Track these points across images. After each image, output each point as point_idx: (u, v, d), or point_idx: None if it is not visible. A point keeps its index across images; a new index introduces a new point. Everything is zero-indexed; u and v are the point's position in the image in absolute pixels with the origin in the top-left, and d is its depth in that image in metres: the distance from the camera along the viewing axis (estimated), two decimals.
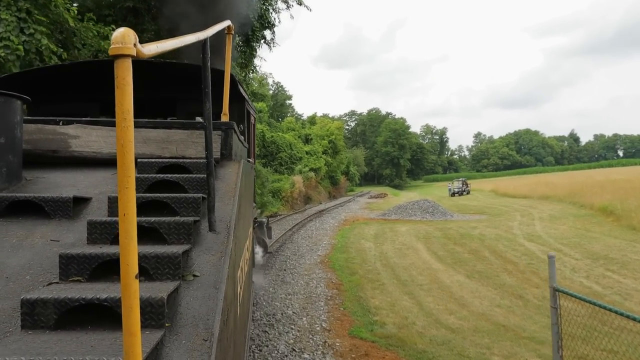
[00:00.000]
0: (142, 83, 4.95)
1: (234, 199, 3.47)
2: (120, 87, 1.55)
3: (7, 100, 3.51)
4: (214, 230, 3.03)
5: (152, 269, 2.47)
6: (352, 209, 39.33)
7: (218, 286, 2.50)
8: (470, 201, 43.07)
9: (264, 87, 55.56)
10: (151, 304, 2.12)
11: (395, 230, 23.76)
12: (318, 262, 15.29)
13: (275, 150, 40.81)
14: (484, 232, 22.04)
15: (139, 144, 4.15)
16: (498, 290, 11.94)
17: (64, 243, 2.89)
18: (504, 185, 55.38)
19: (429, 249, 18.08)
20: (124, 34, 1.57)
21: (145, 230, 2.77)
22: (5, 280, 2.51)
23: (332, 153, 58.69)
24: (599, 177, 51.27)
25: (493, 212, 31.85)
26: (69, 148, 4.20)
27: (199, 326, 2.23)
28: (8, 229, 3.03)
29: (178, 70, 6.69)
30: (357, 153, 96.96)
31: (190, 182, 3.45)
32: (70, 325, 2.11)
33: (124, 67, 1.55)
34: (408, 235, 21.62)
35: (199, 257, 2.76)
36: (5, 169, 3.50)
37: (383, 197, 59.38)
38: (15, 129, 3.58)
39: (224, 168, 4.04)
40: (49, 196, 3.22)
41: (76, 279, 2.44)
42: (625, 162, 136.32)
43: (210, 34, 3.06)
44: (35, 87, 6.35)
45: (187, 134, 4.25)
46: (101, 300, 2.08)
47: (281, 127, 51.28)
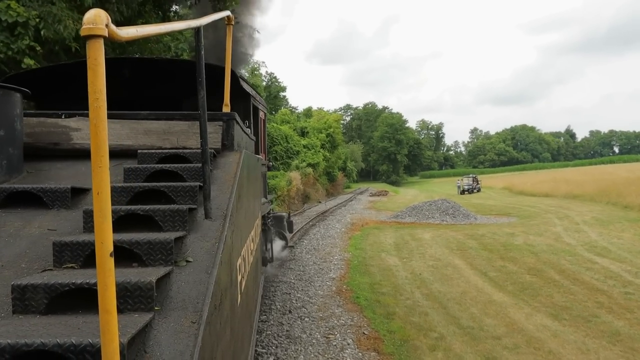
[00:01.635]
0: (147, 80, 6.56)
1: (232, 187, 3.47)
2: (92, 68, 1.55)
3: (6, 93, 3.57)
4: (210, 217, 3.02)
5: (145, 255, 2.47)
6: (356, 209, 35.12)
7: (210, 271, 2.50)
8: (485, 200, 38.89)
9: (257, 77, 51.37)
10: (140, 288, 2.10)
11: (417, 237, 19.60)
12: (334, 293, 11.07)
13: (270, 143, 36.50)
14: (529, 241, 17.92)
15: (140, 136, 4.21)
16: (620, 347, 7.80)
17: (61, 232, 2.92)
18: (518, 182, 51.22)
19: (474, 266, 13.93)
20: (95, 14, 1.56)
21: (141, 218, 2.81)
22: (1, 269, 2.54)
23: (330, 147, 54.49)
24: (623, 173, 47.30)
25: (521, 213, 27.76)
26: (70, 140, 4.24)
27: (188, 309, 2.22)
28: (6, 220, 3.07)
29: (184, 67, 6.74)
30: (354, 148, 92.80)
31: (189, 172, 3.50)
32: (61, 309, 2.11)
33: (96, 48, 1.54)
34: (436, 246, 17.47)
35: (194, 244, 2.75)
36: (5, 162, 3.56)
37: (385, 195, 55.24)
38: (15, 122, 3.65)
39: (224, 158, 4.05)
40: (47, 187, 3.27)
41: (70, 266, 2.46)
42: (627, 158, 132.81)
43: (204, 22, 3.03)
44: (46, 85, 6.59)
45: (188, 125, 4.30)
46: (91, 284, 2.09)
47: (275, 119, 47.00)
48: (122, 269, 2.30)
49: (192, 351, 2.01)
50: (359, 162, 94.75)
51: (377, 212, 31.97)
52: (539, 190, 39.61)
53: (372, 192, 60.89)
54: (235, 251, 3.34)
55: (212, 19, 3.49)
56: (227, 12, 4.30)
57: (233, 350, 3.14)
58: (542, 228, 21.11)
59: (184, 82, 6.19)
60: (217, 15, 3.80)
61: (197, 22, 2.91)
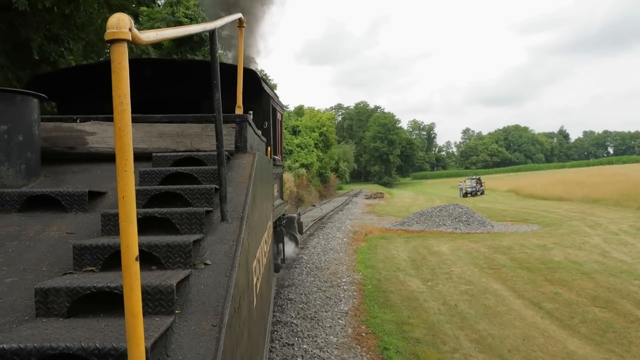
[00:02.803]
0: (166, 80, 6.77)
1: (247, 189, 3.47)
2: (116, 72, 1.55)
3: (24, 98, 3.60)
4: (226, 219, 3.02)
5: (164, 258, 2.47)
6: (354, 214, 32.16)
7: (229, 274, 2.49)
8: (492, 204, 36.02)
9: None
10: (161, 291, 2.10)
11: (434, 251, 16.68)
12: (352, 339, 8.10)
13: None
14: (570, 256, 15.07)
15: (155, 139, 4.22)
16: None
17: (80, 235, 2.94)
18: (524, 184, 48.40)
19: (519, 293, 11.04)
20: (119, 18, 1.57)
21: (157, 221, 2.81)
22: (22, 272, 2.56)
23: (323, 147, 51.62)
24: (635, 173, 44.64)
25: (541, 220, 24.96)
26: (85, 144, 4.28)
27: (209, 312, 2.21)
28: (26, 223, 3.10)
29: (202, 68, 6.75)
30: (346, 148, 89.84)
31: (204, 174, 3.49)
32: (83, 313, 2.13)
33: (120, 52, 1.55)
34: (461, 262, 14.57)
35: (211, 246, 2.74)
36: (24, 166, 3.61)
37: (382, 198, 52.37)
38: (32, 127, 3.68)
39: (238, 160, 4.04)
40: (65, 190, 3.32)
41: (90, 269, 2.47)
42: (626, 159, 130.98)
43: (218, 25, 3.07)
44: (66, 86, 6.67)
45: (201, 128, 4.30)
46: (112, 288, 2.09)
47: None
48: (142, 272, 1.89)
49: (214, 355, 1.99)
50: (351, 163, 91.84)
51: (379, 218, 29.02)
52: (551, 194, 36.79)
53: (367, 194, 58.03)
54: (251, 253, 3.32)
55: (226, 21, 3.57)
56: (239, 14, 4.36)
57: (250, 352, 3.13)
58: (576, 239, 18.28)
59: (202, 83, 5.98)
60: (230, 18, 3.90)
61: (211, 25, 2.95)
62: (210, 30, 2.92)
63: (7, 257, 2.72)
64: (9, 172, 3.52)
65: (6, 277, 2.51)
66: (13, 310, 2.24)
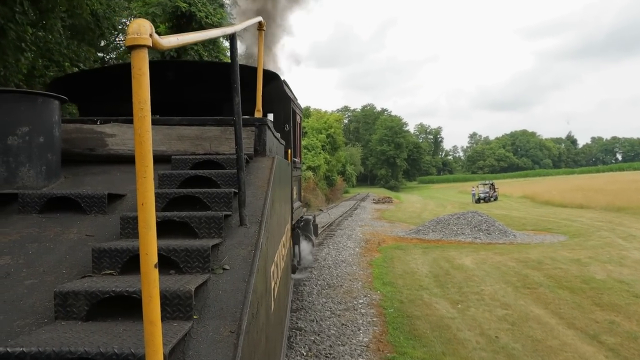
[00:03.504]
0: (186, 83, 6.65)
1: (266, 194, 3.45)
2: (137, 78, 1.54)
3: (46, 100, 3.62)
4: (245, 224, 3.00)
5: (182, 262, 2.47)
6: (364, 220, 30.48)
7: (247, 279, 2.48)
8: (508, 211, 34.21)
9: None
10: (179, 296, 2.10)
11: (456, 264, 15.02)
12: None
13: None
14: (612, 273, 13.38)
15: (174, 141, 4.22)
16: None
17: (99, 238, 2.95)
18: (540, 190, 46.50)
19: (568, 321, 9.36)
20: (140, 24, 1.56)
21: (176, 225, 2.81)
22: (42, 274, 2.57)
23: (330, 149, 49.98)
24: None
25: (565, 230, 23.24)
26: (105, 146, 4.29)
27: (227, 318, 2.20)
28: (46, 225, 3.11)
29: (224, 70, 6.56)
30: (353, 151, 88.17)
31: (223, 178, 3.48)
32: (101, 316, 2.13)
33: (140, 57, 1.54)
34: (490, 279, 12.91)
35: (230, 251, 2.74)
36: (44, 168, 3.62)
37: (390, 202, 50.67)
38: (53, 129, 3.70)
39: (257, 163, 4.03)
40: (84, 193, 3.32)
41: (108, 272, 2.46)
42: (638, 165, 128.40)
43: (238, 28, 3.07)
44: (88, 88, 6.62)
45: (220, 131, 4.29)
46: (130, 292, 2.09)
47: None
48: (160, 276, 1.88)
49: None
50: (358, 166, 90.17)
51: (391, 225, 27.33)
52: (570, 201, 34.96)
53: (375, 198, 56.32)
54: (270, 258, 3.28)
55: (245, 25, 3.58)
56: (259, 17, 4.32)
57: (268, 357, 3.07)
58: (612, 253, 16.56)
59: (224, 85, 5.64)
60: (250, 22, 3.91)
61: (231, 29, 2.93)
62: (230, 34, 2.89)
63: (27, 259, 2.73)
64: (29, 173, 3.55)
65: (26, 279, 2.53)
66: (32, 312, 2.23)
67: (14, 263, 2.69)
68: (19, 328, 2.11)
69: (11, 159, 3.48)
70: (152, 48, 1.58)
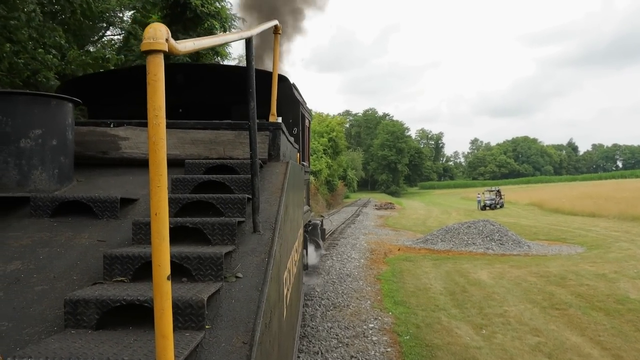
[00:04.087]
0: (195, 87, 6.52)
1: (280, 200, 3.39)
2: (152, 84, 1.52)
3: (59, 103, 3.60)
4: (259, 231, 2.96)
5: (194, 270, 2.42)
6: (367, 227, 29.21)
7: (261, 288, 2.43)
8: (517, 219, 32.91)
9: None
10: (191, 306, 2.06)
11: (472, 279, 13.75)
12: None
13: None
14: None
15: (187, 145, 4.19)
16: None
17: (110, 243, 2.91)
18: (548, 197, 45.14)
19: (610, 351, 8.11)
20: (156, 28, 1.53)
21: (189, 231, 2.77)
22: (52, 280, 2.53)
23: (332, 153, 48.74)
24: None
25: (581, 240, 21.96)
26: (119, 149, 4.24)
27: (239, 328, 2.16)
28: (57, 229, 3.08)
29: (233, 74, 6.78)
30: (354, 156, 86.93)
31: (237, 183, 3.43)
32: (112, 325, 2.10)
33: (155, 63, 1.52)
34: (511, 297, 11.65)
35: (243, 259, 2.69)
36: (57, 171, 3.59)
37: (393, 208, 49.42)
38: (66, 131, 3.67)
39: (271, 169, 3.97)
40: (96, 197, 3.28)
41: (120, 279, 2.43)
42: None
43: (255, 32, 3.05)
44: (98, 90, 6.61)
45: (234, 135, 4.25)
46: (142, 301, 2.06)
47: None
48: (172, 284, 1.82)
49: None
50: (359, 171, 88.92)
51: (396, 233, 26.04)
52: (580, 209, 33.65)
53: (377, 204, 55.04)
54: (282, 264, 3.22)
55: (262, 29, 3.51)
56: (274, 21, 4.24)
57: None
58: (638, 267, 15.30)
59: (232, 88, 6.09)
60: (266, 25, 3.83)
61: (248, 33, 2.88)
62: (247, 38, 2.84)
63: (37, 264, 2.69)
64: (42, 176, 3.52)
65: (36, 285, 2.48)
66: (42, 320, 2.20)
67: (25, 268, 2.65)
68: (28, 336, 2.08)
69: (24, 162, 3.45)
70: (168, 53, 1.53)
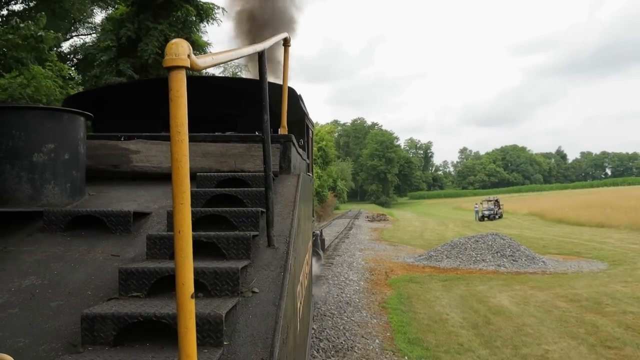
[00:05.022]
0: (200, 99, 5.83)
1: (292, 213, 3.39)
2: (174, 100, 1.52)
3: (71, 117, 3.64)
4: (273, 245, 2.95)
5: (211, 285, 2.42)
6: (362, 241, 27.13)
7: (277, 303, 2.42)
8: (520, 230, 30.97)
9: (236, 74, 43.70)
10: (209, 322, 2.07)
11: (493, 306, 11.73)
12: None
13: None
14: None
15: (198, 158, 4.21)
16: None
17: (124, 258, 2.92)
18: (550, 207, 43.25)
19: None
20: (178, 44, 1.55)
21: (203, 245, 2.77)
22: (68, 295, 2.54)
23: (322, 163, 46.76)
24: None
25: (597, 254, 20.07)
26: (130, 163, 4.29)
27: (258, 345, 2.14)
28: (71, 244, 3.10)
29: (239, 86, 6.95)
30: (344, 166, 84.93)
31: (249, 196, 3.45)
32: (129, 341, 2.09)
33: (178, 79, 1.53)
34: (546, 330, 9.64)
35: (258, 273, 2.69)
36: (69, 185, 3.61)
37: (386, 220, 47.44)
38: (78, 145, 3.70)
39: (282, 182, 3.98)
40: (110, 211, 3.27)
41: (135, 295, 2.42)
42: (633, 180, 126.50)
43: (267, 45, 3.07)
44: (101, 104, 6.55)
45: (245, 147, 4.28)
46: (159, 317, 2.06)
47: None
48: None
49: None
50: (349, 182, 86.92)
51: (394, 249, 23.96)
52: (587, 219, 31.79)
53: (368, 216, 53.00)
54: (296, 278, 3.20)
55: (273, 41, 3.50)
56: (285, 34, 4.32)
57: None
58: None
59: (237, 100, 6.23)
60: (277, 38, 3.82)
61: (261, 46, 2.92)
62: (260, 51, 2.89)
63: (52, 279, 2.68)
64: (54, 190, 3.53)
65: (52, 301, 2.48)
66: (58, 336, 2.19)
67: (39, 283, 2.64)
68: (45, 353, 2.07)
69: (36, 176, 3.46)
70: (189, 69, 1.53)
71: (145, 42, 12.18)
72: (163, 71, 9.73)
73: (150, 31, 12.31)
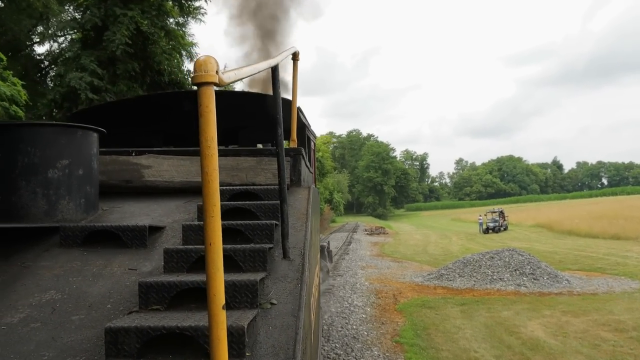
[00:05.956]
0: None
1: (305, 225, 3.43)
2: (204, 115, 1.55)
3: (85, 133, 3.64)
4: (288, 257, 2.96)
5: (230, 297, 2.40)
6: (363, 257, 25.26)
7: (296, 314, 2.43)
8: (530, 244, 29.10)
9: (229, 87, 42.16)
10: (231, 333, 2.05)
11: (526, 338, 9.91)
12: None
13: None
14: None
15: None
16: None
17: (142, 272, 2.92)
18: (557, 218, 41.46)
19: None
20: (207, 61, 1.56)
21: None
22: (88, 309, 2.55)
23: (318, 175, 45.07)
24: None
25: (622, 269, 18.32)
26: (142, 178, 4.31)
27: (280, 356, 2.13)
28: (88, 258, 3.10)
29: (241, 99, 6.86)
30: (340, 178, 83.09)
31: (262, 209, 3.46)
32: (152, 354, 2.08)
33: (208, 95, 1.55)
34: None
35: (275, 285, 2.70)
36: (83, 200, 3.61)
37: (385, 233, 45.57)
38: (92, 161, 3.71)
39: (294, 194, 3.99)
40: (125, 225, 3.28)
41: (155, 308, 2.41)
42: (631, 189, 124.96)
43: (279, 60, 3.10)
44: (105, 119, 6.48)
45: (256, 161, 4.31)
46: (182, 329, 2.06)
47: None
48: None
49: None
50: (345, 194, 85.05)
51: (399, 265, 22.09)
52: (600, 231, 29.97)
53: (367, 229, 51.10)
54: (310, 290, 3.20)
55: (284, 56, 3.49)
56: (294, 48, 4.33)
57: None
58: None
59: (238, 113, 6.07)
60: (287, 53, 3.82)
61: (274, 61, 2.92)
62: (273, 67, 2.88)
63: (71, 294, 2.70)
64: (69, 206, 3.53)
65: (73, 314, 2.49)
66: (82, 350, 2.20)
67: (60, 298, 2.66)
68: None
69: (52, 192, 3.46)
70: (217, 85, 1.56)
71: (112, 30, 10.45)
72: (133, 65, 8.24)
73: (118, 18, 10.58)
